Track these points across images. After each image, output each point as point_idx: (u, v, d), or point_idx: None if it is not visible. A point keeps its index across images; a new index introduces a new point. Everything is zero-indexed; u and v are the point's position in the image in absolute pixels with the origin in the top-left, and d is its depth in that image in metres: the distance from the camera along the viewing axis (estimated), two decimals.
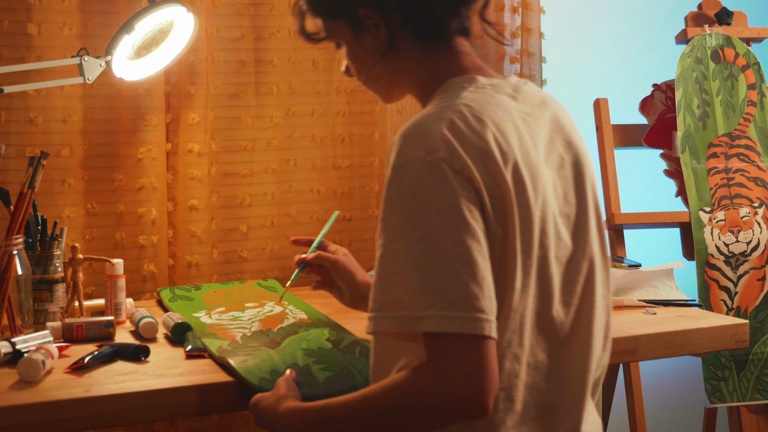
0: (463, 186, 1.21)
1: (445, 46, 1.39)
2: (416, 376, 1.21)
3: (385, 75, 1.42)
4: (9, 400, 1.39)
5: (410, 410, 1.22)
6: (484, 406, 1.19)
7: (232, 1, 2.24)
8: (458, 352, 1.18)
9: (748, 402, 2.52)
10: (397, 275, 1.21)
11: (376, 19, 1.37)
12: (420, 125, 1.26)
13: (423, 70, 1.39)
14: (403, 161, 1.23)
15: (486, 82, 1.35)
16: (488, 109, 1.28)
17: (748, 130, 2.61)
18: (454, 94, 1.32)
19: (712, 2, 2.72)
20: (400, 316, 1.20)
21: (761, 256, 2.56)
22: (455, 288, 1.19)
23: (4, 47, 2.03)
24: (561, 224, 1.33)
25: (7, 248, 1.71)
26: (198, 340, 1.70)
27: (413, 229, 1.21)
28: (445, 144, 1.22)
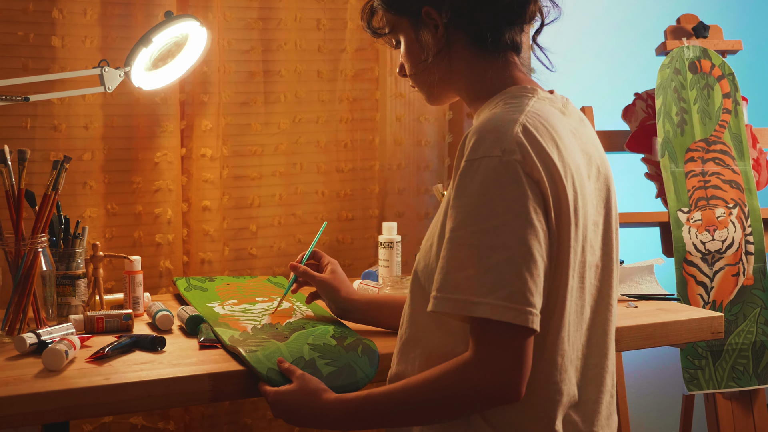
0: (532, 189, 1.22)
1: (496, 56, 1.39)
2: (461, 367, 1.22)
3: (435, 72, 1.41)
4: (34, 387, 1.39)
5: (453, 397, 1.24)
6: (518, 393, 1.21)
7: (243, 16, 2.24)
8: (506, 342, 1.20)
9: (724, 389, 2.52)
10: (460, 261, 1.22)
11: (436, 19, 1.38)
12: (497, 125, 1.26)
13: (473, 75, 1.40)
14: (479, 156, 1.23)
15: (544, 95, 1.37)
16: (551, 121, 1.30)
17: (723, 136, 2.61)
18: (520, 101, 1.32)
19: (689, 17, 2.72)
20: (459, 299, 1.21)
21: (735, 254, 2.55)
22: (515, 281, 1.19)
23: (29, 59, 2.03)
24: (592, 232, 1.34)
25: (33, 246, 1.71)
26: (210, 331, 1.70)
27: (482, 219, 1.21)
28: (520, 147, 1.23)
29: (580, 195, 1.29)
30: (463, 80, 1.41)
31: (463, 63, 1.40)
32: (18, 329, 1.69)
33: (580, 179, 1.30)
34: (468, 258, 1.21)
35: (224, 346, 1.62)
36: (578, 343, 1.33)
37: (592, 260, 1.34)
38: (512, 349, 1.20)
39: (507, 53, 1.40)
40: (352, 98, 2.40)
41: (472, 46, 1.38)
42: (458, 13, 1.37)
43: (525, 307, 1.19)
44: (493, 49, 1.38)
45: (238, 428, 2.27)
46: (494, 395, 1.21)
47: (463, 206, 1.23)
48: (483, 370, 1.20)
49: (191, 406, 2.19)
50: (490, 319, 1.19)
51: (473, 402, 1.23)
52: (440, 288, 1.23)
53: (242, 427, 2.27)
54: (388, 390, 1.30)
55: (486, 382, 1.20)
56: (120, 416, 2.12)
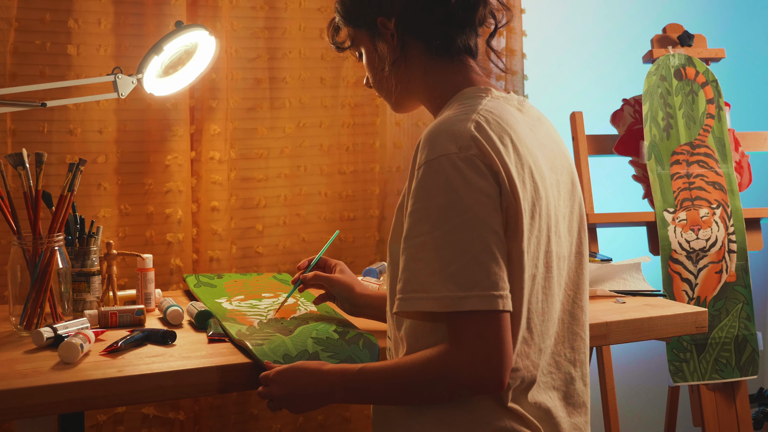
0: (494, 179, 1.22)
1: (452, 61, 1.39)
2: (445, 353, 1.21)
3: (394, 81, 1.42)
4: (51, 379, 1.39)
5: (435, 382, 1.23)
6: (500, 381, 1.20)
7: (249, 26, 2.24)
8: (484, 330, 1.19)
9: (707, 381, 2.52)
10: (439, 260, 1.20)
11: (391, 29, 1.38)
12: (448, 125, 1.26)
13: (430, 81, 1.39)
14: (436, 155, 1.22)
15: (498, 95, 1.36)
16: (505, 117, 1.29)
17: (707, 139, 2.61)
18: (474, 101, 1.32)
19: (675, 26, 2.72)
20: (444, 296, 1.19)
21: (718, 252, 2.55)
22: (494, 270, 1.19)
23: (46, 66, 2.03)
24: (560, 223, 1.33)
25: (50, 244, 1.71)
26: (219, 326, 1.70)
27: (455, 216, 1.20)
28: (474, 142, 1.23)
29: (541, 186, 1.28)
30: (421, 86, 1.41)
31: (420, 69, 1.40)
32: (35, 324, 1.69)
33: (540, 171, 1.29)
34: (448, 256, 1.20)
35: (232, 339, 1.62)
36: (547, 330, 1.31)
37: (560, 251, 1.33)
38: (493, 335, 1.19)
39: (462, 57, 1.39)
40: (353, 104, 2.39)
41: (427, 53, 1.38)
42: (409, 21, 1.37)
43: (503, 292, 1.19)
44: (446, 54, 1.38)
45: (245, 418, 2.27)
46: (476, 383, 1.20)
47: (432, 207, 1.22)
48: (465, 359, 1.19)
49: (200, 397, 2.18)
50: (473, 310, 1.18)
51: (456, 389, 1.22)
52: (415, 288, 1.22)
53: (249, 417, 2.27)
54: (380, 367, 1.30)
55: (468, 371, 1.19)
56: (132, 407, 2.12)
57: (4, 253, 1.99)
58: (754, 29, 3.17)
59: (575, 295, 1.38)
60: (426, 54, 1.38)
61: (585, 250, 1.40)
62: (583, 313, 1.39)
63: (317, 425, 2.35)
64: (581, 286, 1.39)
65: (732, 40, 3.06)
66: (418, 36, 1.38)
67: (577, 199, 1.39)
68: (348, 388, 1.32)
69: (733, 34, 3.11)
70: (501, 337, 1.19)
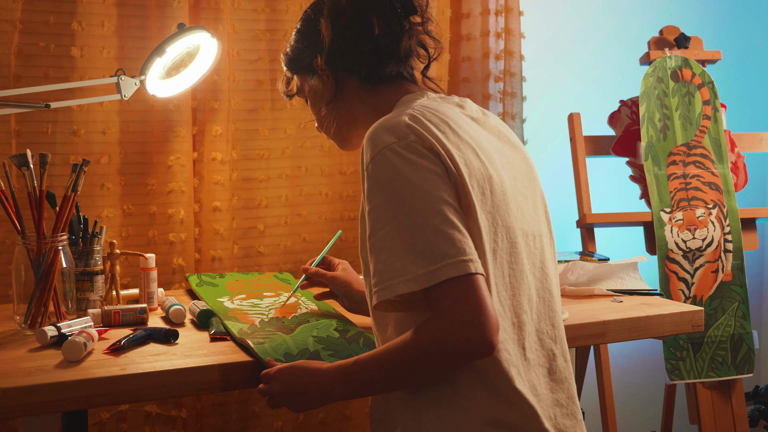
0: (437, 159, 1.25)
1: (385, 86, 1.45)
2: (429, 325, 1.22)
3: (335, 115, 1.48)
4: (55, 377, 1.39)
5: (427, 355, 1.23)
6: (489, 342, 1.20)
7: (251, 28, 2.24)
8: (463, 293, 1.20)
9: (704, 379, 2.52)
10: (405, 243, 1.22)
11: (326, 70, 1.45)
12: (384, 123, 1.30)
13: (370, 109, 1.45)
14: (379, 149, 1.26)
15: (435, 96, 1.42)
16: (441, 109, 1.34)
17: (703, 140, 2.61)
18: (409, 103, 1.38)
19: (671, 29, 2.72)
20: (418, 275, 1.21)
21: (714, 251, 2.55)
22: (458, 237, 1.21)
23: (51, 68, 2.03)
24: (521, 201, 1.36)
25: (54, 244, 1.71)
26: (221, 324, 1.70)
27: (408, 198, 1.23)
28: (411, 130, 1.27)
29: (490, 166, 1.31)
30: (363, 116, 1.46)
31: (358, 101, 1.46)
32: (39, 323, 1.69)
33: (486, 153, 1.33)
34: (411, 237, 1.22)
35: (234, 338, 1.62)
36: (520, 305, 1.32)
37: (527, 228, 1.36)
38: (472, 298, 1.20)
39: (396, 80, 1.46)
40: None
41: (362, 85, 1.45)
42: (338, 56, 1.44)
43: (469, 257, 1.21)
44: (378, 82, 1.44)
45: (246, 416, 2.27)
46: (466, 347, 1.20)
47: (386, 199, 1.24)
48: (450, 324, 1.20)
49: (203, 395, 2.19)
50: (449, 278, 1.19)
51: (449, 357, 1.22)
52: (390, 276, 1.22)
53: (251, 415, 2.27)
54: (373, 354, 1.30)
55: (456, 335, 1.19)
56: (135, 404, 2.12)
57: (8, 253, 1.99)
58: (749, 32, 3.17)
59: (550, 272, 1.40)
60: (360, 86, 1.45)
61: (551, 233, 1.44)
62: (557, 289, 1.41)
63: (318, 422, 2.35)
64: (554, 264, 1.42)
65: (728, 43, 3.06)
66: (350, 71, 1.45)
67: (536, 182, 1.44)
68: (346, 381, 1.33)
69: (729, 37, 3.11)
70: (480, 297, 1.20)
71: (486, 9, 2.47)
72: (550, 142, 2.82)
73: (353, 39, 1.42)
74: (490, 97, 2.48)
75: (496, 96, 2.49)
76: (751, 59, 3.19)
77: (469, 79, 2.49)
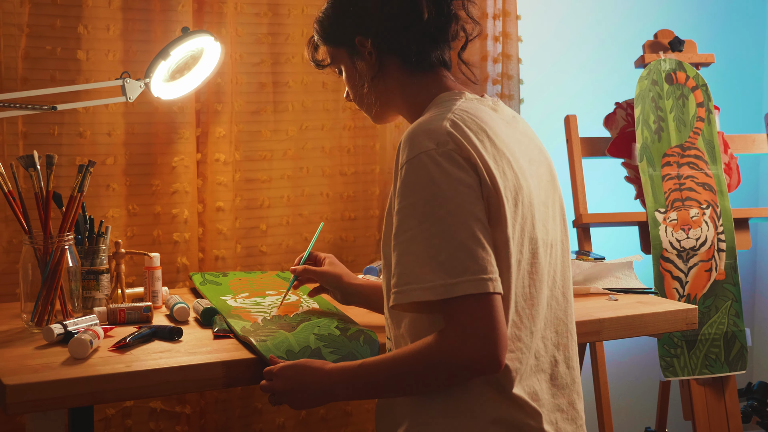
0: (473, 170, 1.24)
1: (427, 73, 1.41)
2: (441, 338, 1.22)
3: (374, 94, 1.44)
4: (61, 374, 1.39)
5: (435, 367, 1.23)
6: (497, 360, 1.20)
7: (254, 32, 2.24)
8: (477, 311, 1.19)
9: (697, 376, 2.52)
10: (428, 250, 1.21)
11: (368, 47, 1.40)
12: (425, 126, 1.28)
13: (408, 93, 1.42)
14: (417, 153, 1.24)
15: (472, 97, 1.39)
16: (480, 115, 1.32)
17: (697, 142, 2.61)
18: (449, 104, 1.34)
19: (666, 32, 2.72)
20: (437, 285, 1.20)
21: (708, 251, 2.55)
22: (482, 255, 1.21)
23: (57, 71, 2.03)
24: (542, 212, 1.35)
25: (60, 243, 1.71)
26: (224, 322, 1.70)
27: (437, 208, 1.22)
28: (451, 138, 1.25)
29: (521, 176, 1.30)
30: (400, 99, 1.43)
31: (398, 83, 1.42)
32: (46, 320, 1.69)
33: (518, 163, 1.31)
34: (436, 246, 1.21)
35: (237, 336, 1.62)
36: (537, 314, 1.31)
37: (547, 238, 1.34)
38: (487, 317, 1.19)
39: (436, 69, 1.42)
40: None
41: (404, 68, 1.41)
42: (386, 38, 1.39)
43: (493, 275, 1.20)
44: (421, 68, 1.41)
45: (249, 412, 2.27)
46: (474, 364, 1.20)
47: (417, 203, 1.23)
48: (461, 342, 1.20)
49: (206, 392, 2.18)
50: (466, 294, 1.18)
51: (455, 372, 1.22)
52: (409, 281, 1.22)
53: (253, 411, 2.27)
54: (380, 360, 1.30)
55: (465, 353, 1.19)
56: (140, 401, 2.12)
57: (16, 252, 1.99)
58: (742, 35, 3.17)
59: (562, 282, 1.39)
60: (402, 69, 1.41)
61: (568, 239, 1.42)
62: (568, 300, 1.40)
63: (319, 419, 2.35)
64: (567, 273, 1.41)
65: (721, 46, 3.06)
66: (394, 52, 1.40)
67: (557, 190, 1.42)
68: (349, 383, 1.32)
69: (722, 40, 3.11)
70: (494, 318, 1.20)
71: (484, 13, 2.47)
72: (547, 144, 2.77)
73: (404, 21, 1.38)
74: None
75: None
76: (743, 62, 3.18)
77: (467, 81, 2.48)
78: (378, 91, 1.43)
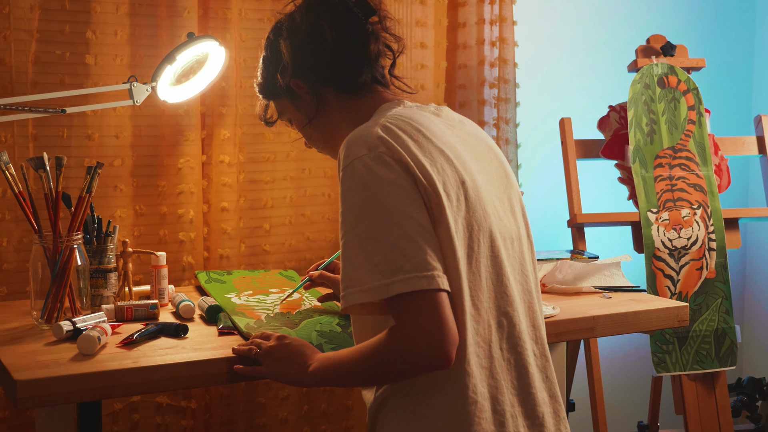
0: (405, 171, 1.24)
1: (362, 93, 1.43)
2: (389, 335, 1.22)
3: (321, 131, 1.47)
4: (70, 369, 1.39)
5: (388, 363, 1.24)
6: (446, 356, 1.20)
7: (257, 37, 2.24)
8: (422, 308, 1.19)
9: (689, 371, 2.52)
10: (363, 254, 1.21)
11: (305, 87, 1.43)
12: (359, 133, 1.29)
13: (350, 118, 1.43)
14: (351, 160, 1.26)
15: (411, 105, 1.40)
16: (416, 117, 1.33)
17: (688, 144, 2.61)
18: (386, 112, 1.36)
19: (658, 37, 2.72)
20: (372, 287, 1.20)
21: (699, 250, 2.55)
22: (416, 252, 1.20)
23: (66, 75, 2.03)
24: (498, 206, 1.34)
25: (69, 243, 1.71)
26: (228, 319, 1.70)
27: (370, 211, 1.22)
28: (382, 141, 1.26)
29: (465, 172, 1.29)
30: (345, 125, 1.43)
31: (339, 111, 1.44)
32: (55, 318, 1.69)
33: (461, 159, 1.31)
34: (370, 248, 1.21)
35: (241, 332, 1.62)
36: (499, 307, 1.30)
37: (505, 231, 1.34)
38: (429, 313, 1.19)
39: (371, 88, 1.43)
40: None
41: (341, 95, 1.43)
42: (314, 72, 1.42)
43: (431, 272, 1.19)
44: (356, 90, 1.42)
45: (253, 406, 2.27)
46: (421, 359, 1.20)
47: (351, 208, 1.24)
48: (406, 337, 1.19)
49: (211, 387, 2.19)
50: (404, 293, 1.18)
51: (405, 367, 1.23)
52: (349, 284, 1.23)
53: (257, 406, 2.27)
54: (348, 351, 1.31)
55: (412, 347, 1.19)
56: (147, 396, 2.12)
57: (26, 251, 1.99)
58: (732, 41, 3.18)
59: (529, 274, 1.38)
60: (340, 96, 1.43)
61: (530, 231, 1.42)
62: (537, 291, 1.39)
63: (321, 413, 2.35)
64: (533, 266, 1.40)
65: (711, 51, 3.06)
66: (327, 84, 1.42)
67: (513, 187, 1.41)
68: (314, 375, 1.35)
69: (712, 45, 3.11)
70: (438, 313, 1.19)
71: (481, 18, 2.47)
72: (542, 146, 2.82)
73: (314, 51, 1.40)
74: (485, 102, 2.48)
75: (490, 102, 2.49)
76: (733, 67, 3.19)
77: (465, 85, 2.49)
78: (324, 125, 1.45)
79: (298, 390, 2.31)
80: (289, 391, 2.30)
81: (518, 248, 1.37)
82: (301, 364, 1.37)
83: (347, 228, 1.24)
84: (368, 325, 1.33)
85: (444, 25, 2.46)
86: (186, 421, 2.17)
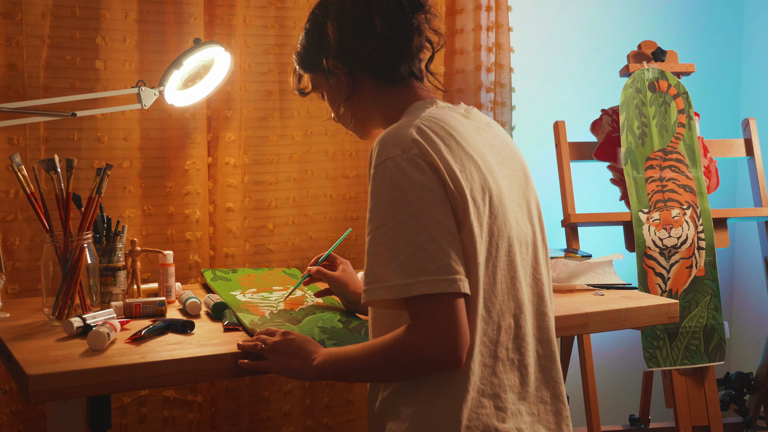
0: (435, 175, 1.23)
1: (397, 85, 1.42)
2: (405, 334, 1.22)
3: (352, 112, 1.46)
4: (80, 364, 1.39)
5: (398, 360, 1.24)
6: (457, 357, 1.20)
7: (261, 42, 2.24)
8: (439, 310, 1.19)
9: (679, 366, 2.52)
10: (389, 252, 1.21)
11: (341, 68, 1.42)
12: (393, 132, 1.28)
13: (383, 107, 1.42)
14: (383, 159, 1.25)
15: (444, 105, 1.39)
16: (447, 120, 1.32)
17: (678, 146, 2.61)
18: (419, 111, 1.35)
19: (649, 43, 2.72)
20: (395, 285, 1.20)
21: (689, 249, 2.55)
22: (440, 255, 1.20)
23: (76, 79, 2.03)
24: (517, 211, 1.34)
25: (79, 242, 1.71)
26: (233, 316, 1.70)
27: (399, 211, 1.22)
28: (416, 144, 1.25)
29: (491, 178, 1.29)
30: (377, 113, 1.43)
31: (373, 99, 1.43)
32: (66, 314, 1.69)
33: (488, 165, 1.31)
34: (397, 247, 1.21)
35: (245, 328, 1.62)
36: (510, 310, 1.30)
37: (521, 237, 1.33)
38: (447, 316, 1.19)
39: (407, 81, 1.42)
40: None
41: (376, 83, 1.42)
42: (353, 57, 1.41)
43: (453, 276, 1.20)
44: (392, 81, 1.41)
45: (257, 400, 2.27)
46: (433, 359, 1.20)
47: (380, 205, 1.24)
48: (422, 337, 1.20)
49: (217, 381, 2.19)
50: (425, 294, 1.18)
51: (416, 365, 1.23)
52: (373, 280, 1.23)
53: (261, 399, 2.27)
54: (359, 347, 1.31)
55: (425, 347, 1.20)
56: (155, 390, 2.12)
57: (37, 250, 1.99)
58: (721, 46, 3.18)
59: (544, 276, 1.38)
60: (375, 84, 1.42)
61: (545, 236, 1.41)
62: (549, 294, 1.39)
63: (323, 406, 2.35)
64: (547, 269, 1.40)
65: (701, 56, 3.06)
66: (365, 70, 1.41)
67: (532, 191, 1.41)
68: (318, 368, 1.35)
69: (702, 51, 3.11)
70: (454, 316, 1.19)
71: (478, 25, 2.47)
72: (537, 148, 2.82)
73: (362, 38, 1.39)
74: (481, 106, 2.48)
75: (487, 105, 2.49)
76: (722, 72, 3.19)
77: (463, 89, 2.49)
78: (355, 108, 1.44)
79: (301, 384, 2.31)
80: (293, 386, 2.30)
81: (532, 252, 1.36)
82: (304, 359, 1.38)
83: (375, 225, 1.24)
84: (385, 321, 1.32)
85: (441, 31, 2.45)
86: (192, 415, 2.17)
